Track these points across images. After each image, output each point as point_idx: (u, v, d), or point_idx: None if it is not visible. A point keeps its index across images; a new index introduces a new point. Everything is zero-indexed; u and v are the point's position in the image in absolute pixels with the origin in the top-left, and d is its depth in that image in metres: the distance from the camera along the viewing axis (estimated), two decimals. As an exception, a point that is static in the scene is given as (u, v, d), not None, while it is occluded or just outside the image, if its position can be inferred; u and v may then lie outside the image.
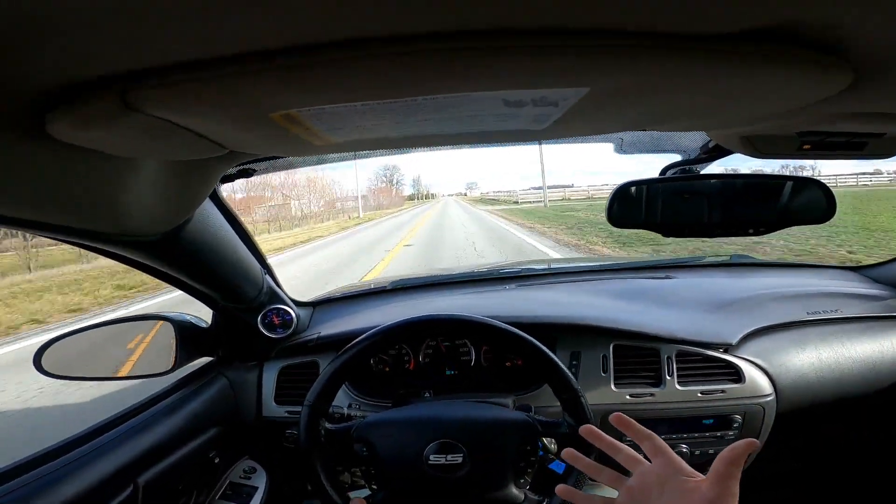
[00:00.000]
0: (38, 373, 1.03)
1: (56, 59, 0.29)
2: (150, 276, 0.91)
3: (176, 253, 0.83)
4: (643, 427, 0.61)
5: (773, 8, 0.28)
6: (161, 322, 1.15)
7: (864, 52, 0.35)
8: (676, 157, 0.95)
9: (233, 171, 0.78)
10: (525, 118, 0.45)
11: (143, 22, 0.25)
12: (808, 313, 1.26)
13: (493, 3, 0.26)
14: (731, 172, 0.88)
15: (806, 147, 0.66)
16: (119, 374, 1.15)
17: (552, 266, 1.78)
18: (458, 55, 0.30)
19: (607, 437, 0.62)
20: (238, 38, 0.28)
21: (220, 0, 0.24)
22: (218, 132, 0.43)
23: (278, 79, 0.31)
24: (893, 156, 0.75)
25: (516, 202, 48.00)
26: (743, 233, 0.88)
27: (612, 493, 0.60)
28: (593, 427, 0.64)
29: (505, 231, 15.34)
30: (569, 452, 0.64)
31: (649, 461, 0.58)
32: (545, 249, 9.83)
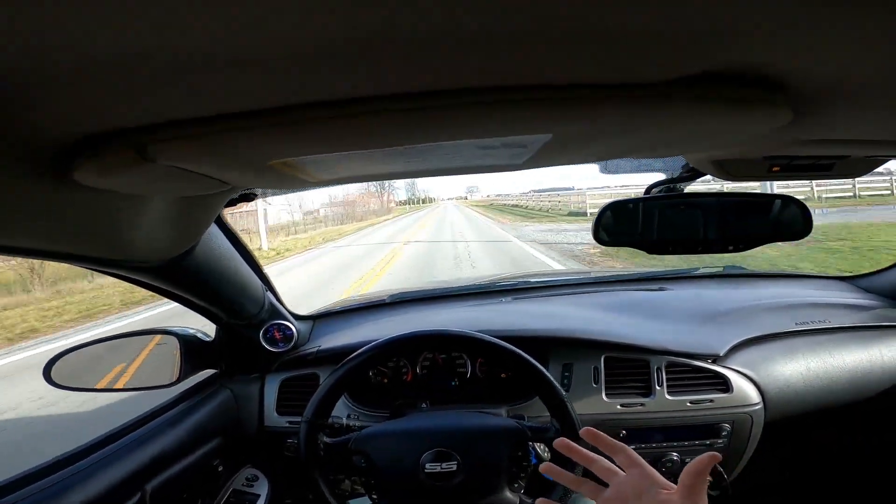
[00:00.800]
0: (48, 384, 1.07)
1: (78, 113, 0.33)
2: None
3: (183, 275, 0.87)
4: (615, 440, 0.63)
5: (710, 55, 0.32)
6: (166, 335, 1.20)
7: (798, 91, 0.39)
8: (661, 176, 0.98)
9: (235, 196, 0.83)
10: (500, 157, 0.49)
11: (155, 82, 0.29)
12: (796, 324, 1.28)
13: (458, 66, 0.30)
14: (710, 191, 0.92)
15: (775, 169, 0.70)
16: (125, 386, 1.19)
17: (548, 279, 1.81)
18: (430, 112, 0.34)
19: (581, 449, 0.63)
20: (240, 97, 0.32)
21: (224, 65, 0.27)
22: (224, 175, 0.47)
23: (276, 134, 0.36)
24: (863, 175, 0.79)
25: (581, 213, 20.74)
26: (724, 249, 0.91)
27: None
28: (567, 440, 0.65)
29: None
30: (547, 467, 0.65)
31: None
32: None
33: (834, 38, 0.30)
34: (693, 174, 0.92)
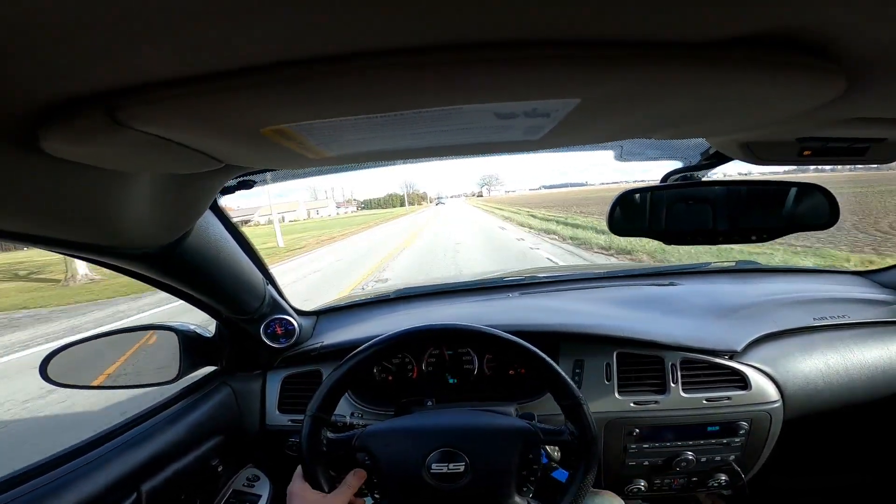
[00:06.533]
0: (44, 381, 1.04)
1: (42, 74, 0.29)
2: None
3: (178, 265, 0.83)
4: None
5: (763, 14, 0.28)
6: (165, 331, 1.16)
7: (857, 58, 0.35)
8: (678, 164, 0.94)
9: (232, 182, 0.79)
10: (518, 129, 0.45)
11: (125, 38, 0.25)
12: (814, 319, 1.24)
13: (479, 16, 0.26)
14: (734, 178, 0.88)
15: (806, 153, 0.66)
16: (123, 384, 1.16)
17: (556, 274, 1.78)
18: (445, 69, 0.30)
19: None
20: (223, 54, 0.28)
21: (202, 17, 0.24)
22: (211, 147, 0.43)
23: (266, 95, 0.31)
24: (893, 160, 0.75)
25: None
26: (746, 239, 0.87)
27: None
28: None
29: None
30: None
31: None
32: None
33: None
34: (712, 161, 0.88)
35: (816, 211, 0.87)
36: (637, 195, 0.92)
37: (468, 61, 0.29)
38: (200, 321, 1.26)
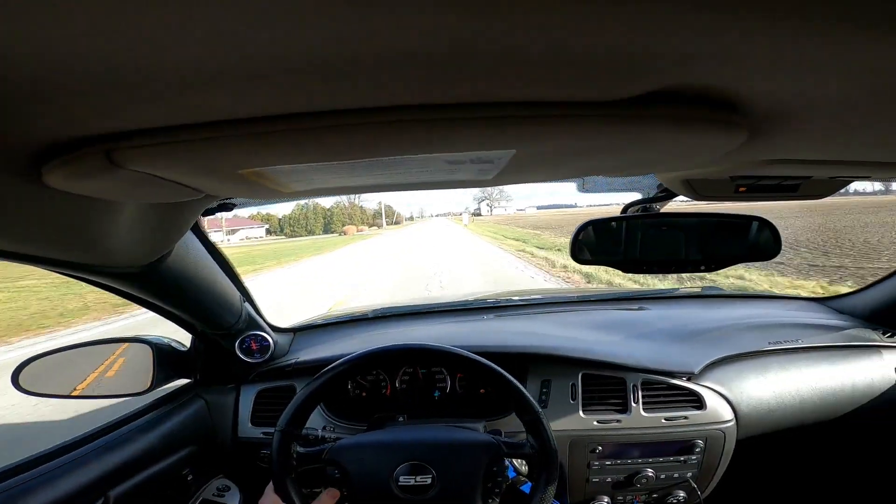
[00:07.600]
0: (16, 390, 1.05)
1: (48, 120, 0.33)
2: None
3: (158, 283, 0.86)
4: None
5: (667, 75, 0.33)
6: (139, 344, 1.18)
7: (753, 110, 0.40)
8: (637, 195, 0.99)
9: (213, 205, 0.83)
10: (470, 171, 0.50)
11: (125, 91, 0.30)
12: (769, 343, 1.31)
13: (426, 83, 0.31)
14: (689, 211, 0.93)
15: (742, 189, 0.72)
16: (96, 393, 1.16)
17: (530, 297, 1.83)
18: (398, 127, 0.35)
19: None
20: (208, 109, 0.33)
21: (193, 76, 0.28)
22: (196, 182, 0.47)
23: (245, 144, 0.36)
24: (827, 196, 0.81)
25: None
26: (697, 269, 0.93)
27: None
28: None
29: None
30: None
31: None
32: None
33: (787, 62, 0.31)
34: (668, 194, 0.94)
35: (763, 243, 0.93)
36: (598, 225, 0.97)
37: (417, 120, 0.35)
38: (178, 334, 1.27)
